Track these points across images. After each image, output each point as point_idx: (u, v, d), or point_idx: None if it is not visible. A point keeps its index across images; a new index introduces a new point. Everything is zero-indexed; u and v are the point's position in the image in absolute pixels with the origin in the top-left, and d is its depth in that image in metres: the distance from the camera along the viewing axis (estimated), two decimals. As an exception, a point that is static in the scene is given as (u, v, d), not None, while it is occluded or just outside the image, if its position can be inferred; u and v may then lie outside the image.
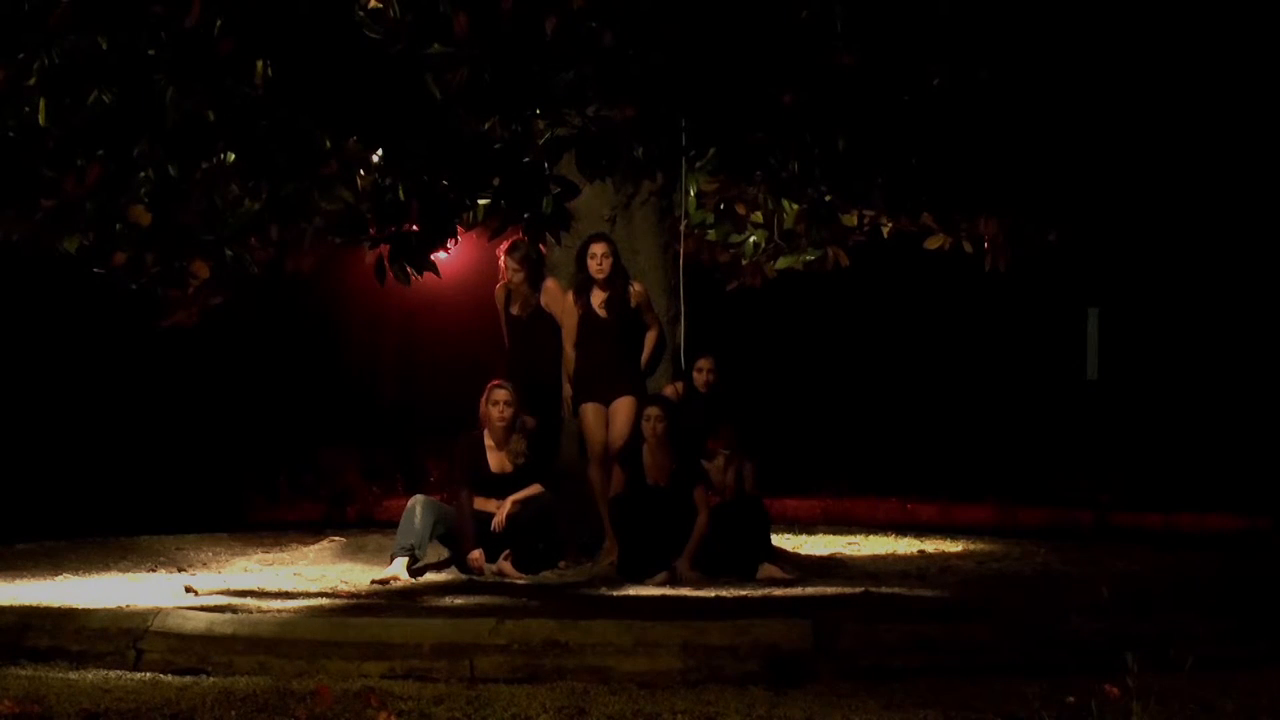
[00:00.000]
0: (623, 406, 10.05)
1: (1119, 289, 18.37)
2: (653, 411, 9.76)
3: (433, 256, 9.94)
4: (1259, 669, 7.09)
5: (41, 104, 8.99)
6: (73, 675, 7.08)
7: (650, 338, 10.35)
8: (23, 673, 7.11)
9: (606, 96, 9.68)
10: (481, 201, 10.06)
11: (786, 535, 11.74)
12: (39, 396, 16.76)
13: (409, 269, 9.83)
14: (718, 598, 8.76)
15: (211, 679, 7.01)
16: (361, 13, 9.09)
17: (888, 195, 10.67)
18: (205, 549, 11.16)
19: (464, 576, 9.69)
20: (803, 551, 11.08)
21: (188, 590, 8.83)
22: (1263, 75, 11.41)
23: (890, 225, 11.59)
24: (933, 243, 11.44)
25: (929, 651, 7.16)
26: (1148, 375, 18.55)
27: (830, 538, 12.28)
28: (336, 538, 11.65)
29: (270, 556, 10.86)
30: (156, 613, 7.58)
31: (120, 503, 14.25)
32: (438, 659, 7.07)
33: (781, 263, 11.70)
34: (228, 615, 7.64)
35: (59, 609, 7.91)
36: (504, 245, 10.41)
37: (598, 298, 10.16)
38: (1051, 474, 15.82)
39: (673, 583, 9.38)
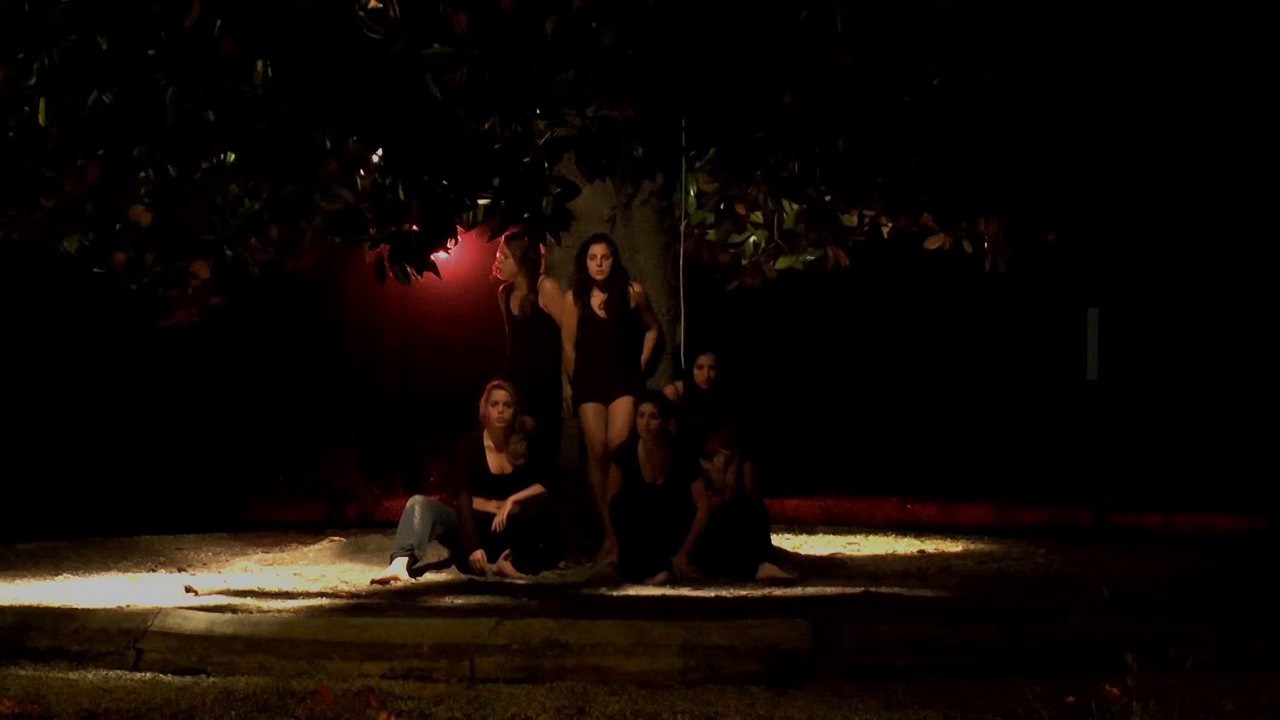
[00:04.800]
0: (622, 406, 10.05)
1: (1119, 289, 18.38)
2: (647, 408, 9.75)
3: (433, 256, 9.94)
4: (1259, 669, 7.09)
5: (41, 104, 8.99)
6: (73, 675, 7.08)
7: (650, 338, 10.35)
8: (23, 673, 7.11)
9: (606, 96, 9.68)
10: (481, 201, 10.06)
11: (786, 535, 11.74)
12: (40, 397, 16.77)
13: (409, 269, 9.83)
14: (718, 597, 8.76)
15: (211, 679, 7.01)
16: (361, 13, 9.09)
17: (888, 195, 10.67)
18: (205, 549, 11.16)
19: (464, 576, 9.69)
20: (803, 551, 11.08)
21: (188, 590, 8.83)
22: (1263, 75, 11.41)
23: (890, 225, 11.59)
24: (933, 243, 11.44)
25: (929, 651, 7.16)
26: (1148, 375, 18.56)
27: (830, 538, 12.28)
28: (336, 538, 11.65)
29: (270, 556, 10.86)
30: (156, 613, 7.58)
31: (120, 503, 14.26)
32: (438, 659, 7.07)
33: (781, 263, 11.70)
34: (228, 615, 7.64)
35: (59, 609, 7.91)
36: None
37: (597, 298, 10.16)
38: (1051, 474, 15.82)
39: (672, 580, 9.38)
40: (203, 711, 6.24)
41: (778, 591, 9.04)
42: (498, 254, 10.49)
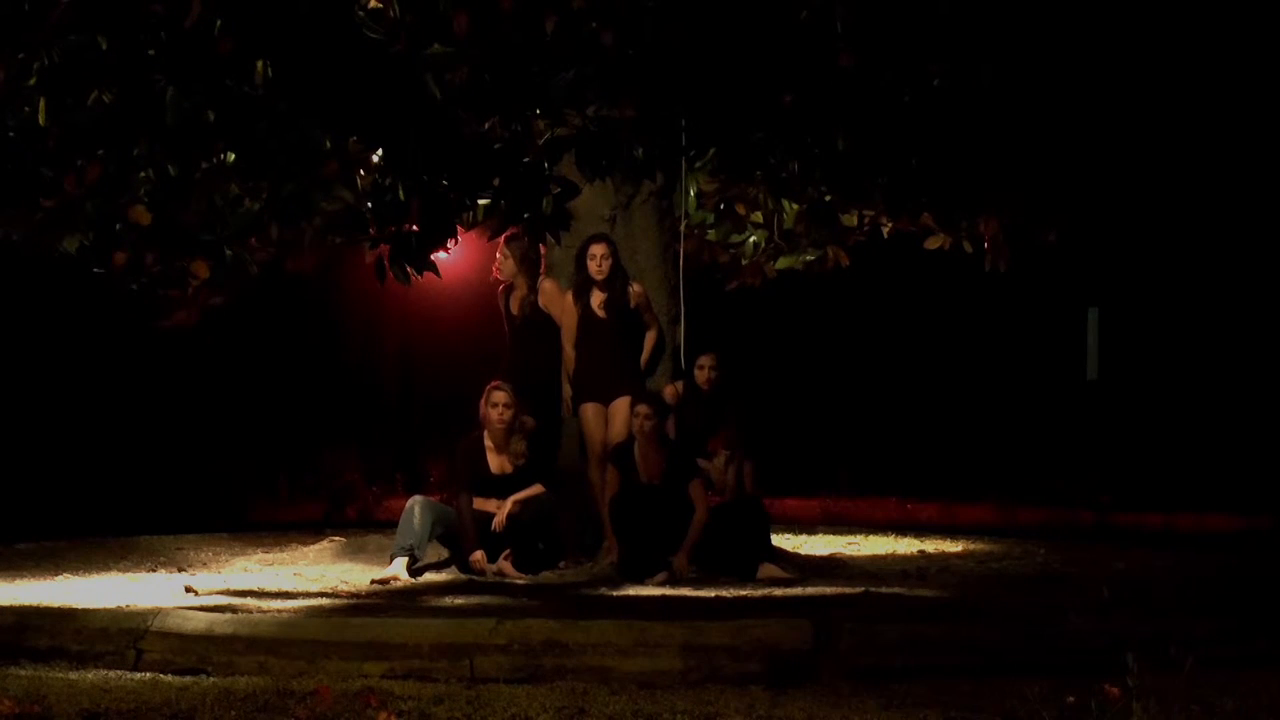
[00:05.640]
0: (622, 406, 10.04)
1: (1119, 289, 18.37)
2: (642, 409, 9.75)
3: (433, 256, 9.94)
4: (1259, 669, 7.09)
5: (41, 104, 8.98)
6: (73, 675, 7.08)
7: (650, 338, 10.35)
8: (23, 673, 7.11)
9: (606, 96, 9.68)
10: (481, 201, 10.06)
11: (786, 535, 11.74)
12: (39, 397, 16.77)
13: (409, 269, 9.82)
14: (717, 597, 8.76)
15: (211, 679, 7.01)
16: (361, 13, 9.08)
17: (888, 195, 10.66)
18: (205, 549, 11.16)
19: (464, 576, 9.70)
20: (803, 551, 11.08)
21: (188, 590, 8.84)
22: (1263, 75, 11.41)
23: (890, 225, 11.59)
24: (933, 243, 11.44)
25: (929, 651, 7.16)
26: (1148, 375, 18.55)
27: (830, 538, 12.28)
28: (336, 538, 11.65)
29: (270, 556, 10.86)
30: (156, 613, 7.58)
31: (120, 503, 14.26)
32: (438, 659, 7.07)
33: (781, 263, 11.70)
34: (228, 615, 7.64)
35: (59, 609, 7.91)
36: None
37: (597, 298, 10.17)
38: (1051, 474, 15.82)
39: (672, 580, 9.38)
40: (203, 711, 6.24)
41: (778, 591, 9.04)
42: (498, 254, 10.50)
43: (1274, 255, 17.23)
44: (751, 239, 11.68)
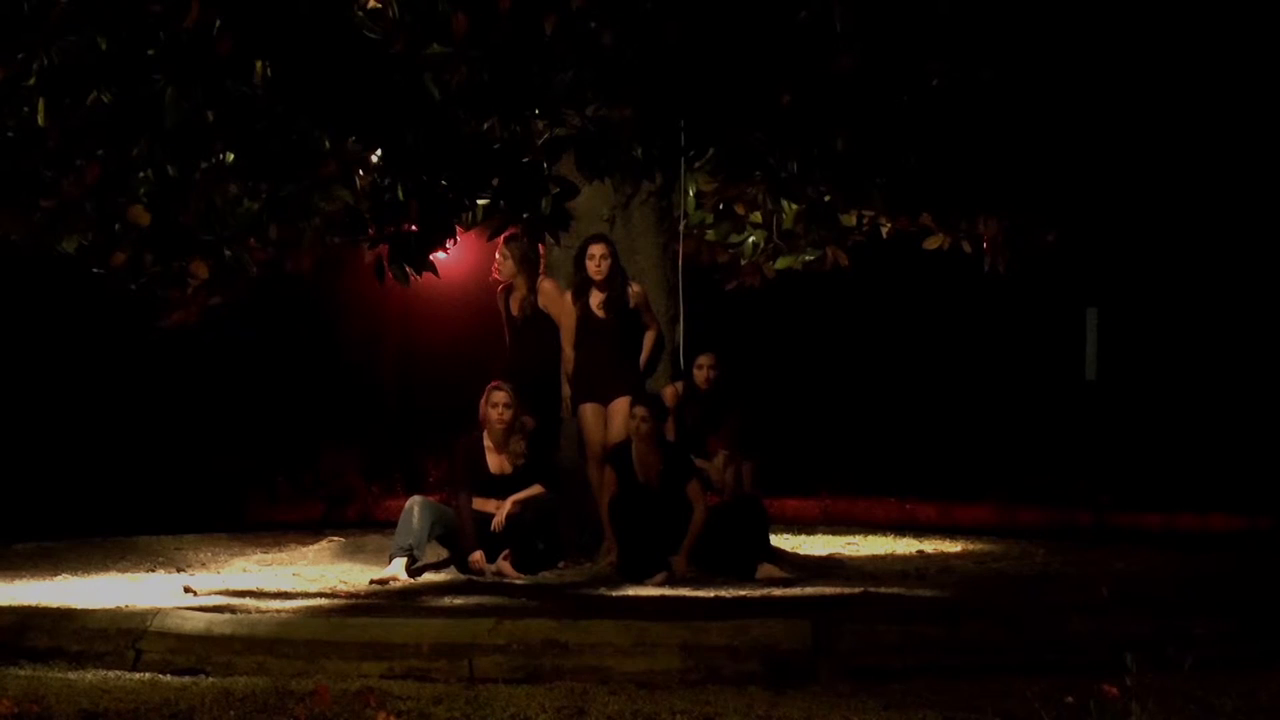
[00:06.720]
0: (621, 407, 10.03)
1: (1119, 289, 18.36)
2: (639, 411, 9.75)
3: (432, 256, 9.94)
4: (1259, 669, 7.09)
5: (41, 104, 8.98)
6: (72, 675, 7.08)
7: (649, 338, 10.35)
8: (22, 673, 7.12)
9: (606, 96, 9.68)
10: (481, 201, 10.06)
11: (786, 535, 11.74)
12: (39, 397, 16.77)
13: (408, 269, 9.83)
14: (717, 598, 8.76)
15: (210, 679, 7.01)
16: (361, 13, 9.09)
17: (887, 195, 10.66)
18: (205, 549, 11.16)
19: (463, 577, 9.69)
20: (802, 551, 11.08)
21: (187, 590, 8.84)
22: (1263, 75, 11.42)
23: (890, 225, 11.59)
24: (932, 243, 11.44)
25: (929, 651, 7.16)
26: (1147, 375, 18.55)
27: (830, 538, 12.28)
28: (336, 538, 11.65)
29: (269, 556, 10.86)
30: (155, 613, 7.58)
31: (120, 503, 14.25)
32: (437, 659, 7.07)
33: (781, 263, 11.70)
34: (227, 615, 7.64)
35: (58, 609, 7.91)
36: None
37: (596, 298, 10.16)
38: (1051, 474, 15.82)
39: (671, 581, 9.38)
40: (201, 711, 6.24)
41: (777, 592, 9.04)
42: (497, 255, 10.50)
43: (1274, 255, 17.23)
44: (751, 239, 11.68)
